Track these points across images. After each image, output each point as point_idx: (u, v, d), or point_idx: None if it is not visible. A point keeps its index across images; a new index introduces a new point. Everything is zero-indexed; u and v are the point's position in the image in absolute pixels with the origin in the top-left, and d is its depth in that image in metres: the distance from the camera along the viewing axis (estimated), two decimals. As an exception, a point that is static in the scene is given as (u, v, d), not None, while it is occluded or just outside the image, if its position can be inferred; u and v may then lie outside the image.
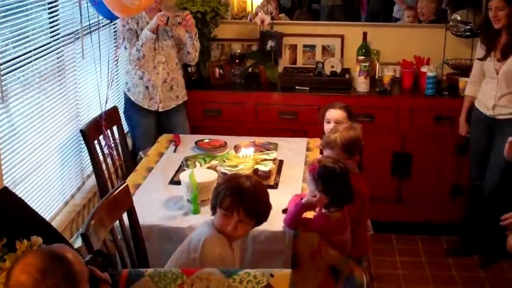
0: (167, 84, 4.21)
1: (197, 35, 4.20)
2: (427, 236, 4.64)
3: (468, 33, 4.62)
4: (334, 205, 2.88)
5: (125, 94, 4.27)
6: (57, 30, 3.43)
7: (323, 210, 2.90)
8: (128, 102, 4.26)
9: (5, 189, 2.54)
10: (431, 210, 4.62)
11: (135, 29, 4.06)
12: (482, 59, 4.05)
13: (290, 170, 3.51)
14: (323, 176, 2.85)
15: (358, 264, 3.14)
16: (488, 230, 4.26)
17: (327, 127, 3.57)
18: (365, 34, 4.68)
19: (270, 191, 2.79)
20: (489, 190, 4.12)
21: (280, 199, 3.01)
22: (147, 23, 4.04)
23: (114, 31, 4.22)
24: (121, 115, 4.19)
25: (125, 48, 4.09)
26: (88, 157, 3.73)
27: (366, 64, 4.56)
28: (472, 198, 4.31)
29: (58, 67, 3.45)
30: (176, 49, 4.23)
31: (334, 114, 3.58)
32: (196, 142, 3.82)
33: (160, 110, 4.24)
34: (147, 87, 4.17)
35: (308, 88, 4.63)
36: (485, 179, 4.15)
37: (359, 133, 3.24)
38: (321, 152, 3.72)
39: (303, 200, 2.87)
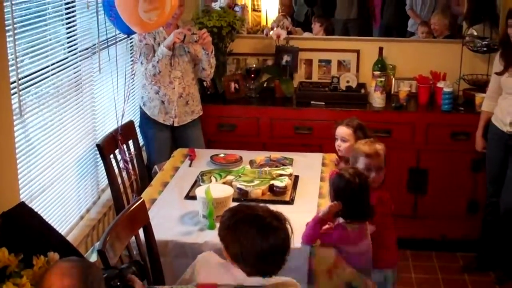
0: (183, 99, 4.21)
1: (213, 53, 4.20)
2: (443, 252, 4.60)
3: (485, 49, 4.60)
4: (346, 216, 2.87)
5: (140, 108, 4.27)
6: (74, 44, 3.45)
7: (340, 221, 2.88)
8: (144, 116, 4.26)
9: (22, 204, 2.54)
10: (447, 227, 4.58)
11: (152, 44, 4.06)
12: (500, 73, 4.03)
13: (306, 185, 3.50)
14: (335, 185, 2.88)
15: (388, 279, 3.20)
16: (505, 246, 4.23)
17: (336, 144, 3.60)
18: (381, 49, 4.68)
19: (285, 207, 2.78)
20: (505, 206, 4.08)
21: (295, 215, 2.98)
22: (164, 38, 4.05)
23: (131, 46, 4.23)
24: (137, 129, 4.19)
25: (142, 63, 4.09)
26: (104, 172, 3.73)
27: (382, 79, 4.55)
28: (488, 214, 4.27)
29: (75, 82, 3.46)
30: (192, 64, 4.23)
31: (340, 131, 3.57)
32: (211, 157, 3.82)
33: (176, 125, 4.24)
34: (162, 102, 4.17)
35: (323, 103, 4.62)
36: (502, 195, 4.12)
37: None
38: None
39: (319, 214, 2.86)
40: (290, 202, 3.28)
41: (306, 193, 3.40)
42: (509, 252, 4.23)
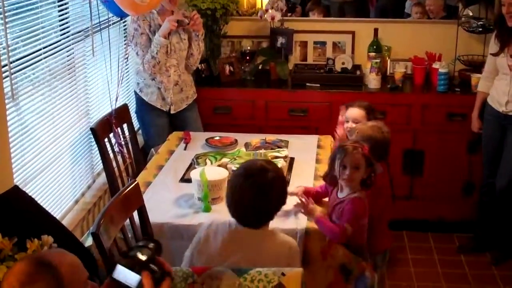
0: (178, 86, 4.18)
1: (203, 36, 4.17)
2: (439, 233, 4.60)
3: (480, 29, 4.57)
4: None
5: (137, 94, 4.23)
6: (67, 28, 3.43)
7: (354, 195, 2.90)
8: (141, 102, 4.21)
9: (16, 188, 2.54)
10: (443, 207, 4.58)
11: (147, 33, 4.01)
12: (495, 54, 4.01)
13: (301, 167, 3.49)
14: (339, 155, 2.90)
15: (383, 259, 3.25)
16: (501, 227, 4.24)
17: (346, 125, 3.52)
18: (376, 30, 4.66)
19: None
20: (501, 187, 4.08)
21: (291, 197, 2.99)
22: (159, 25, 4.00)
23: (124, 29, 4.20)
24: (131, 113, 4.16)
25: (137, 54, 4.05)
26: (99, 155, 3.72)
27: (377, 60, 4.53)
28: (484, 195, 4.27)
29: (68, 65, 3.44)
30: (186, 52, 4.20)
31: (353, 113, 3.51)
32: (206, 140, 3.81)
33: (172, 112, 4.21)
34: (159, 88, 4.14)
35: (318, 85, 4.60)
36: (498, 176, 4.12)
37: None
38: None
39: (315, 216, 2.87)
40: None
41: (301, 175, 3.40)
42: (505, 233, 4.25)
